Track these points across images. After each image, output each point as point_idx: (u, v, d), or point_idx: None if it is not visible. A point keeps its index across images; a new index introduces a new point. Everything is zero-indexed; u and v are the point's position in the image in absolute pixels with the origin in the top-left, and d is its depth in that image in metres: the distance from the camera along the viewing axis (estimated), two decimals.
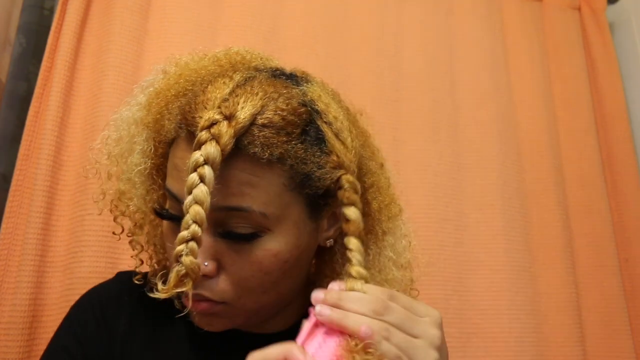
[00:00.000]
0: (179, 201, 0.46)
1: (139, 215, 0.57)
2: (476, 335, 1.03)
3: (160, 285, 0.41)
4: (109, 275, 0.85)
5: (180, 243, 0.40)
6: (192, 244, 0.40)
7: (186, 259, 0.40)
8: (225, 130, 0.42)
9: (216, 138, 0.42)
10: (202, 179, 0.40)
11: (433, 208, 1.07)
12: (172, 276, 0.40)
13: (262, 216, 0.45)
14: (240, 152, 0.43)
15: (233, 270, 0.46)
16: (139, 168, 0.53)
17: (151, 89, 0.54)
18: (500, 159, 1.14)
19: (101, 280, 0.80)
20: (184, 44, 1.01)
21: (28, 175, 0.89)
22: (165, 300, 0.55)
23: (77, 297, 0.81)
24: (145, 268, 0.61)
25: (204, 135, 0.42)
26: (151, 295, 0.44)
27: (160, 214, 0.49)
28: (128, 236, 0.60)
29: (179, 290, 0.40)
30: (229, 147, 0.42)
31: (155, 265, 0.59)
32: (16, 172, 0.89)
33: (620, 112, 1.26)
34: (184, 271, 0.40)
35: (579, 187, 1.20)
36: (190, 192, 0.40)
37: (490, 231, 1.09)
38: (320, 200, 0.49)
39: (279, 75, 0.52)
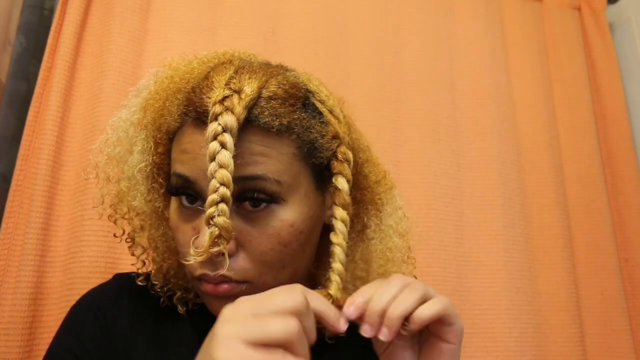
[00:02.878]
0: (190, 182, 0.47)
1: (139, 216, 0.57)
2: (476, 335, 1.03)
3: (193, 250, 0.42)
4: (109, 275, 0.84)
5: (210, 206, 0.41)
6: (222, 205, 0.41)
7: (219, 219, 0.41)
8: (237, 102, 0.44)
9: (230, 109, 0.44)
10: (223, 146, 0.42)
11: (433, 208, 1.07)
12: (207, 238, 0.41)
13: (276, 183, 0.46)
14: (251, 125, 0.46)
15: (252, 246, 0.47)
16: (140, 165, 0.54)
17: (145, 92, 0.55)
18: (500, 159, 1.14)
19: (101, 280, 0.80)
20: (184, 44, 1.01)
21: (28, 175, 0.89)
22: (166, 301, 0.56)
23: (77, 297, 0.81)
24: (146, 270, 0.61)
25: (218, 107, 0.44)
26: (184, 261, 0.47)
27: (173, 187, 0.49)
28: (127, 242, 0.60)
29: (214, 250, 0.42)
30: (242, 117, 0.44)
31: (160, 275, 0.58)
32: (16, 172, 0.89)
33: (620, 111, 1.26)
34: (217, 232, 0.41)
35: (579, 187, 1.20)
36: (213, 159, 0.42)
37: (490, 231, 1.09)
38: (325, 171, 0.51)
39: (269, 64, 0.55)
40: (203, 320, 0.54)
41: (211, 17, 1.05)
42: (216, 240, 0.42)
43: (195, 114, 0.47)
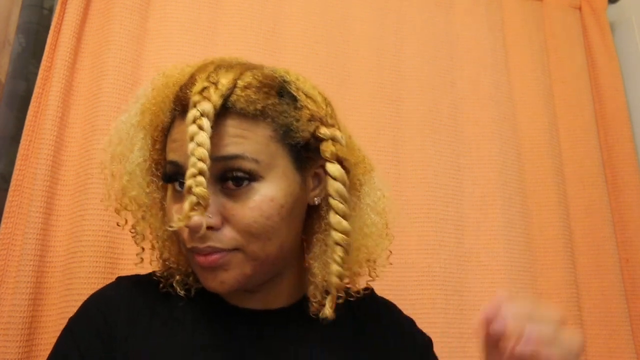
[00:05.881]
0: (180, 167, 0.53)
1: (141, 208, 0.62)
2: (476, 336, 1.02)
3: (176, 217, 0.49)
4: (109, 275, 0.85)
5: (190, 178, 0.47)
6: (200, 178, 0.47)
7: (196, 189, 0.47)
8: (214, 91, 0.51)
9: (207, 98, 0.50)
10: (200, 128, 0.48)
11: (433, 208, 1.07)
12: (186, 205, 0.47)
13: (254, 162, 0.52)
14: (228, 111, 0.52)
15: (236, 219, 0.52)
16: (139, 161, 0.60)
17: (143, 98, 0.60)
18: (500, 159, 1.14)
19: (101, 281, 0.81)
20: (183, 44, 1.01)
21: (27, 175, 0.89)
22: (166, 287, 0.60)
23: (76, 298, 0.81)
24: (145, 268, 0.64)
25: (197, 97, 0.50)
26: (168, 228, 0.55)
27: (167, 175, 0.55)
28: (131, 232, 0.64)
29: (193, 214, 0.47)
30: (219, 103, 0.50)
31: (161, 261, 0.63)
32: (15, 171, 0.89)
33: (621, 111, 1.25)
34: (196, 200, 0.47)
35: (580, 187, 1.20)
36: (192, 139, 0.48)
37: (490, 231, 1.09)
38: (303, 152, 0.56)
39: (250, 63, 0.60)
40: (203, 303, 0.59)
41: (211, 17, 1.05)
42: (195, 207, 0.47)
43: (182, 108, 0.53)
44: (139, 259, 0.64)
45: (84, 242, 0.85)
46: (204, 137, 0.48)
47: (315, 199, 0.59)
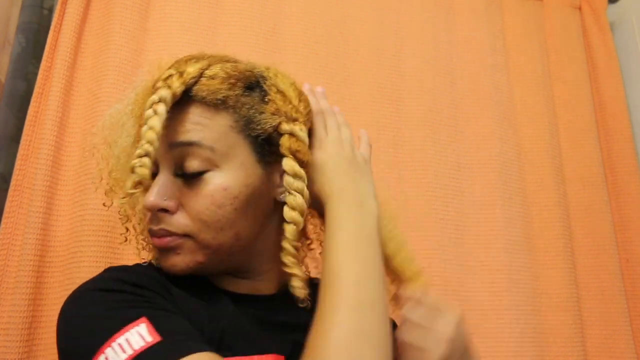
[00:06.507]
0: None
1: (125, 190, 0.62)
2: (476, 336, 1.02)
3: (120, 194, 0.52)
4: None
5: (136, 158, 0.51)
6: (145, 159, 0.50)
7: (139, 170, 0.50)
8: (177, 79, 0.53)
9: (169, 85, 0.53)
10: (155, 112, 0.51)
11: (433, 208, 1.07)
12: (129, 183, 0.51)
13: (210, 150, 0.53)
14: (191, 99, 0.54)
15: (190, 205, 0.53)
16: (125, 145, 0.62)
17: (139, 88, 0.62)
18: (500, 159, 1.14)
19: None
20: (183, 44, 1.01)
21: (27, 175, 0.89)
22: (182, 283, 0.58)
23: None
24: (130, 248, 0.68)
25: (159, 83, 0.53)
26: (116, 202, 0.59)
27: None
28: (119, 215, 0.66)
29: (133, 191, 0.51)
30: (179, 91, 0.53)
31: (143, 241, 0.66)
32: (15, 171, 0.89)
33: (621, 111, 1.25)
34: (137, 178, 0.50)
35: (580, 187, 1.20)
36: (146, 123, 0.51)
37: (490, 231, 1.09)
38: (266, 146, 0.57)
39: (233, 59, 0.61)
40: (193, 283, 0.57)
41: (211, 16, 1.05)
42: (136, 186, 0.51)
43: None
44: (123, 238, 0.67)
45: (84, 242, 0.85)
46: (155, 121, 0.51)
47: (282, 195, 0.58)
